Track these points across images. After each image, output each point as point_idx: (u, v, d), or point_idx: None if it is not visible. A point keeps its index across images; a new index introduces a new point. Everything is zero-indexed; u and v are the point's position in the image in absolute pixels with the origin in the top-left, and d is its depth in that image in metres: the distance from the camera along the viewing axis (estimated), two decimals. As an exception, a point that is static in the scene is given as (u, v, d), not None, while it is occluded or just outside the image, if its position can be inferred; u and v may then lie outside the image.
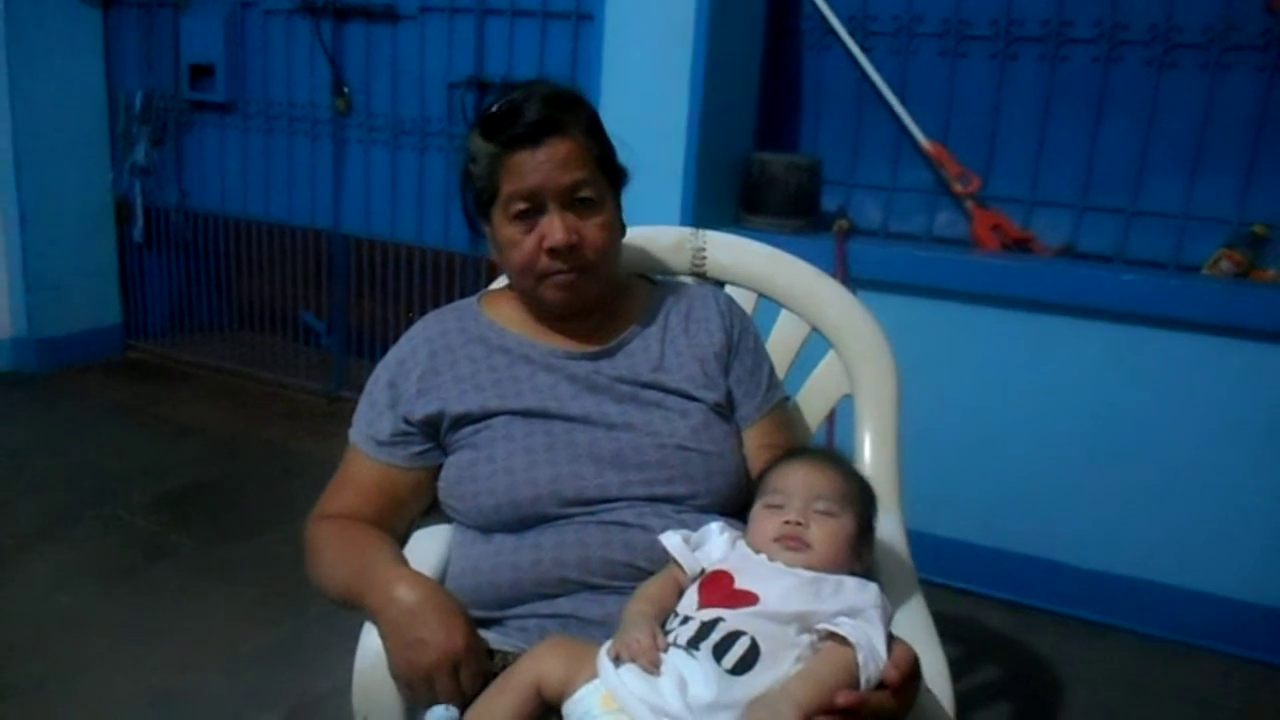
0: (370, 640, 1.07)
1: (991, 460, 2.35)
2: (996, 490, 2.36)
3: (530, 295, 1.21)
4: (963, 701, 1.92)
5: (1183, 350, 2.16)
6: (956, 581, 2.37)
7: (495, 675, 1.05)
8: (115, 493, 2.77)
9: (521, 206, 1.15)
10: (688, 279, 1.46)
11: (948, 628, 1.20)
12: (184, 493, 2.82)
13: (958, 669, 1.98)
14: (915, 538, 1.30)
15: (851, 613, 0.96)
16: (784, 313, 1.46)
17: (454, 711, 0.99)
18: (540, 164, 1.14)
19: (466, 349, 1.22)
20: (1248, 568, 2.15)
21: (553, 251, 1.15)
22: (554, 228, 1.14)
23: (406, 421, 1.18)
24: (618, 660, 0.94)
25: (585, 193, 1.16)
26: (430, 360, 1.21)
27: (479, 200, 1.21)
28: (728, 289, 1.43)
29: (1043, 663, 2.13)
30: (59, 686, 1.96)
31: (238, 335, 3.90)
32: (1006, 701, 2.00)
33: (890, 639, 0.96)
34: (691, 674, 0.91)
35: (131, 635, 2.14)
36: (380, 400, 1.20)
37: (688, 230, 1.48)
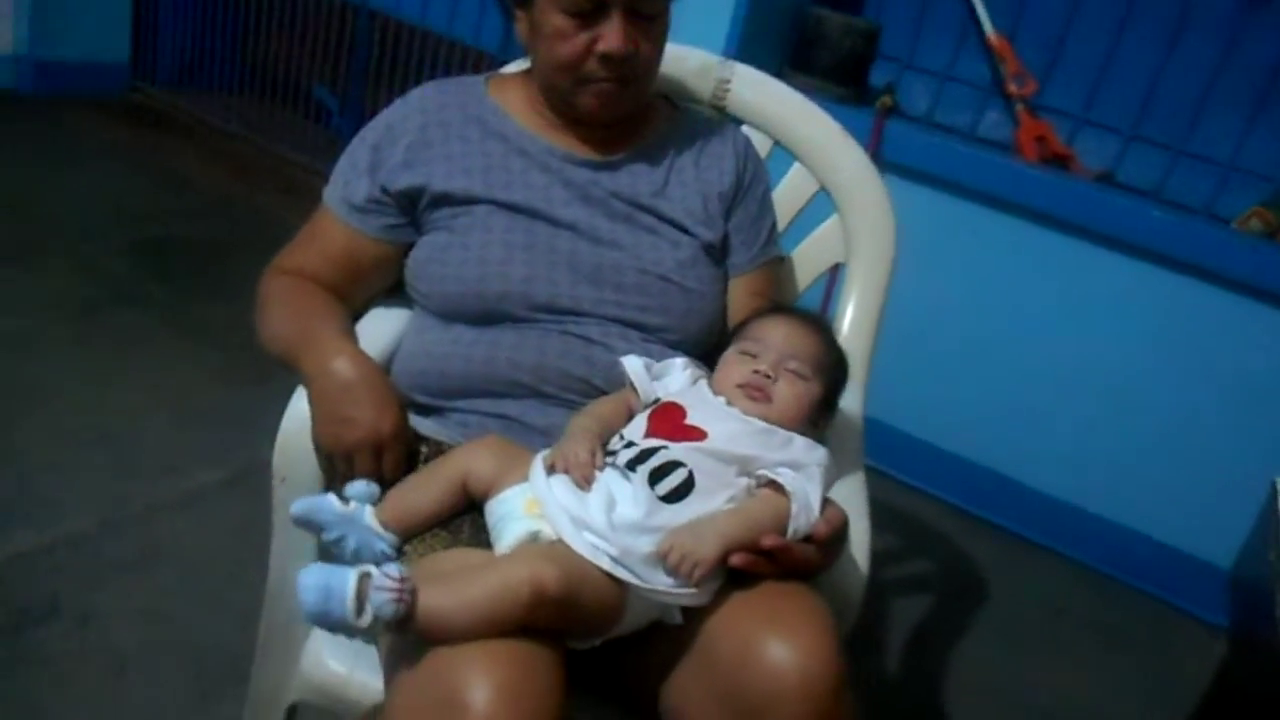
0: (300, 404, 1.04)
1: (976, 368, 2.33)
2: (972, 398, 2.35)
3: (560, 94, 1.13)
4: (883, 587, 1.97)
5: (1199, 300, 2.11)
6: (908, 477, 2.39)
7: (418, 463, 1.04)
8: (94, 231, 2.71)
9: (586, 5, 1.06)
10: (710, 112, 1.38)
11: (887, 518, 1.20)
12: (166, 244, 2.77)
13: (887, 557, 2.02)
14: (877, 426, 1.29)
15: (794, 466, 0.95)
16: (795, 167, 1.39)
17: (374, 488, 0.97)
18: None
19: (462, 128, 1.15)
20: (1194, 520, 2.17)
21: (605, 58, 1.07)
22: (616, 35, 1.06)
23: (384, 190, 1.13)
24: (551, 470, 0.93)
25: (650, 6, 1.08)
26: (421, 132, 1.14)
27: None
28: (744, 130, 1.35)
29: (972, 570, 2.16)
30: (3, 407, 1.96)
31: (246, 99, 3.77)
32: (925, 597, 2.04)
33: (826, 502, 0.95)
34: (621, 494, 0.90)
35: (84, 372, 2.13)
36: (361, 162, 1.14)
37: (716, 58, 1.38)
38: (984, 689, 1.80)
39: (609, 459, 0.94)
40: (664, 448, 0.93)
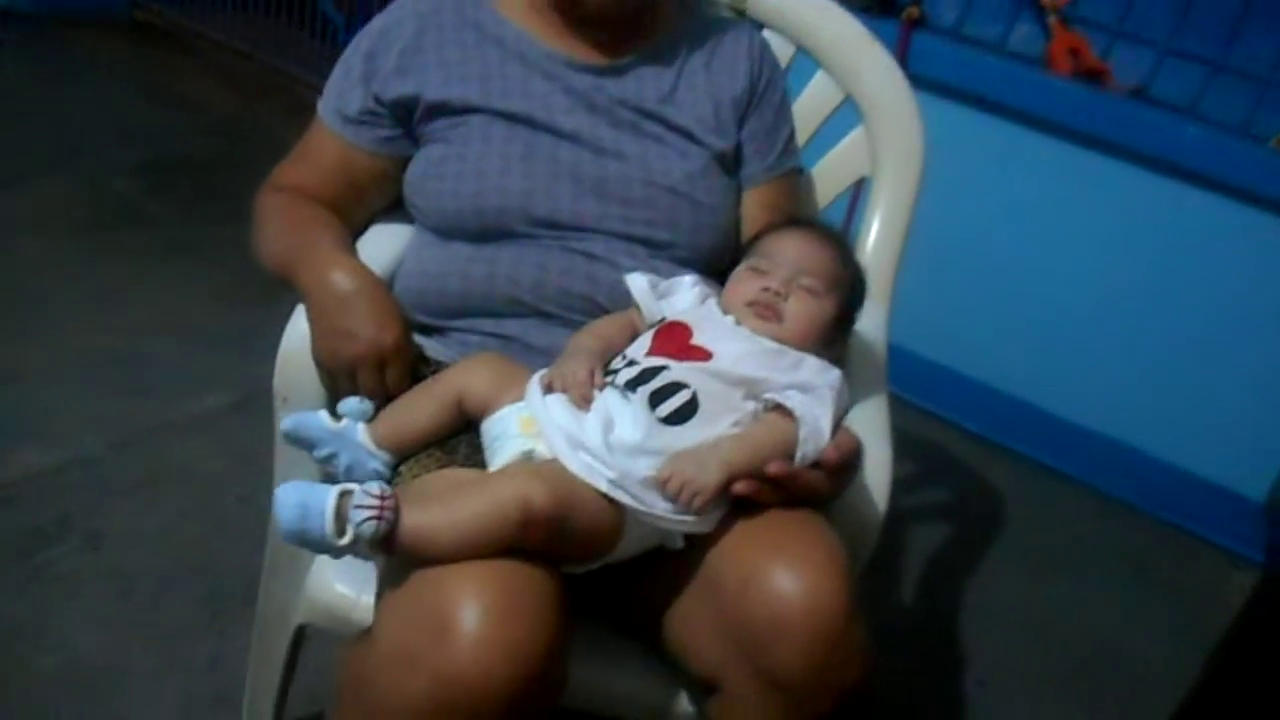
0: (300, 322, 1.00)
1: (1000, 291, 2.27)
2: (996, 322, 2.29)
3: None
4: (901, 516, 1.94)
5: (1234, 221, 2.03)
6: (927, 403, 2.34)
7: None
8: (98, 151, 2.66)
9: None
10: (725, 13, 1.30)
11: (905, 445, 1.16)
12: (171, 164, 2.72)
13: (905, 485, 1.98)
14: (897, 352, 1.24)
15: (804, 389, 0.90)
16: (819, 75, 1.31)
17: (368, 405, 0.94)
18: None
19: (458, 33, 1.08)
20: (1221, 449, 2.13)
21: None
22: None
23: (377, 100, 1.07)
24: (549, 389, 0.89)
25: None
26: (417, 37, 1.08)
27: None
28: (765, 34, 1.28)
29: (991, 497, 2.13)
30: (9, 328, 1.94)
31: (251, 16, 3.66)
32: (944, 525, 2.01)
33: (838, 427, 0.90)
34: (620, 415, 0.86)
35: (90, 292, 2.10)
36: (355, 70, 1.08)
37: (735, -44, 1.30)
38: (1003, 619, 1.78)
39: (609, 378, 0.90)
40: (666, 368, 0.89)
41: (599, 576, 0.88)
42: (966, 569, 1.90)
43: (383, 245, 1.13)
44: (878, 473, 1.02)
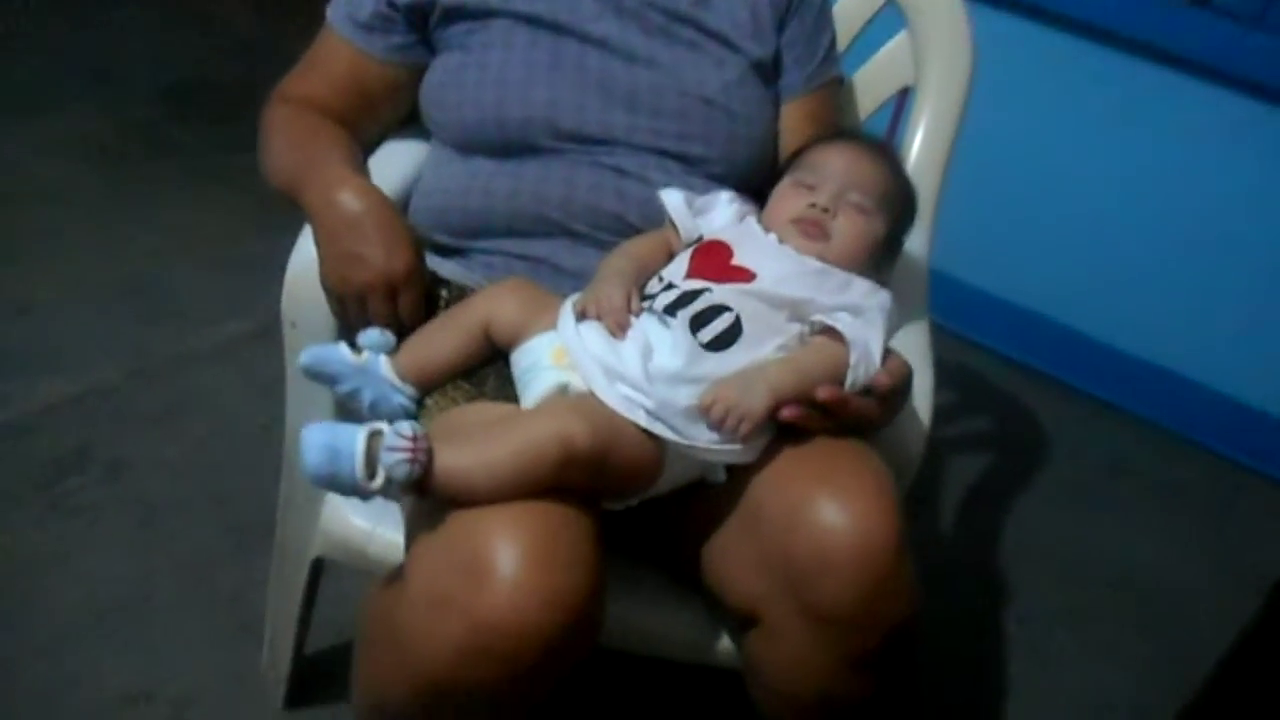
0: (308, 243, 0.95)
1: (1045, 213, 2.16)
2: (1041, 246, 2.19)
3: None
4: (939, 445, 1.88)
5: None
6: (969, 331, 2.26)
7: (439, 308, 0.95)
8: (118, 78, 2.58)
9: None
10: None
11: (948, 375, 1.11)
12: (196, 89, 2.64)
13: (945, 415, 1.91)
14: (936, 277, 1.18)
15: (854, 311, 0.84)
16: (860, -25, 1.22)
17: (389, 336, 0.88)
18: None
19: (476, -72, 1.00)
20: (1274, 379, 2.03)
21: None
22: None
23: (390, 4, 1.00)
24: (582, 316, 0.83)
25: None
26: (431, -67, 1.00)
27: None
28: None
29: (1034, 428, 2.07)
30: (29, 256, 1.90)
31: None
32: (984, 455, 1.95)
33: (887, 351, 0.85)
34: (659, 342, 0.80)
35: (110, 220, 2.06)
36: (366, -31, 1.01)
37: None
38: (1043, 553, 1.73)
39: (646, 303, 0.84)
40: (707, 290, 0.83)
41: (635, 510, 0.84)
42: (1005, 501, 1.85)
43: (397, 162, 1.07)
44: (920, 399, 0.98)
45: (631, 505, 0.82)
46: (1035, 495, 1.87)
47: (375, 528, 0.98)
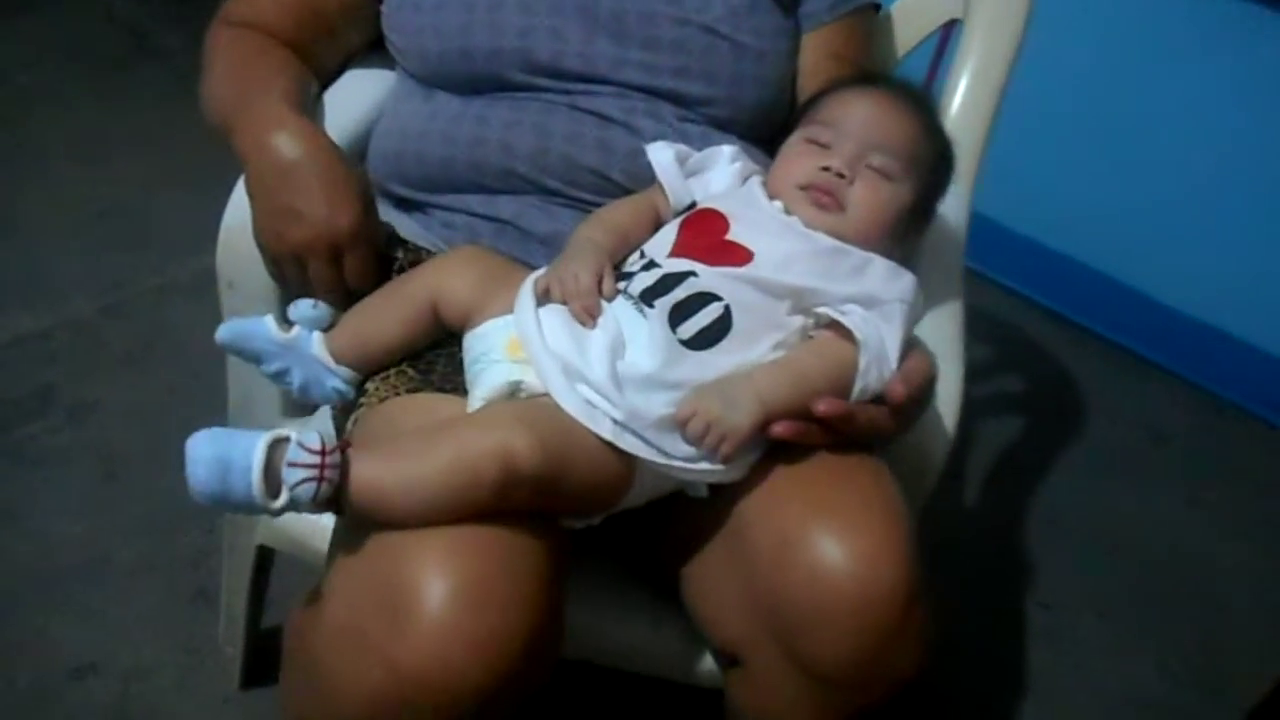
0: (243, 194, 0.82)
1: (1099, 156, 1.98)
2: (1091, 191, 2.01)
3: None
4: (969, 405, 1.75)
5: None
6: (1007, 279, 2.10)
7: (395, 271, 0.82)
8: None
9: None
10: None
11: (984, 328, 0.96)
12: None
13: (979, 371, 1.78)
14: (974, 220, 1.02)
15: (868, 303, 0.70)
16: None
17: (323, 310, 0.76)
18: None
19: None
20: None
21: None
22: None
23: (342, -93, 0.85)
24: (545, 297, 0.70)
25: None
26: None
27: None
28: None
29: (1072, 386, 1.92)
30: (7, 170, 1.80)
31: None
32: (1014, 419, 1.81)
33: (907, 349, 0.71)
34: (634, 336, 0.67)
35: (94, 135, 1.95)
36: None
37: None
38: (1072, 530, 1.60)
39: (622, 284, 0.71)
40: (693, 274, 0.69)
41: (607, 518, 0.72)
42: (1035, 471, 1.71)
43: (356, 94, 0.93)
44: (945, 405, 0.83)
45: (594, 525, 0.70)
46: (1067, 464, 1.74)
47: (320, 518, 0.87)
